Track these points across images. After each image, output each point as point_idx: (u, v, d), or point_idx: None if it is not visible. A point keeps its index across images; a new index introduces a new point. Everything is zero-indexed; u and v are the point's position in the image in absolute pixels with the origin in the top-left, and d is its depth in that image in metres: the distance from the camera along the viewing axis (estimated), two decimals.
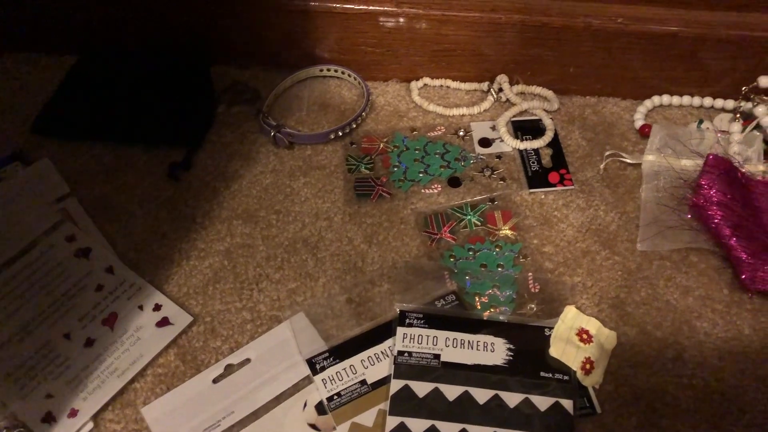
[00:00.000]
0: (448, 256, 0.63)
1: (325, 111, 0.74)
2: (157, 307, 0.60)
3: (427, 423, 0.52)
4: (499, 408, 0.53)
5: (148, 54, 0.76)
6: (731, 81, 0.72)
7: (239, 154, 0.70)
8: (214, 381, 0.56)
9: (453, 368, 0.55)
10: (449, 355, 0.55)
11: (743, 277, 0.60)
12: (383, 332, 0.58)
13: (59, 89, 0.74)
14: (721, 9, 0.69)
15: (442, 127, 0.73)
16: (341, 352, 0.57)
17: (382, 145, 0.71)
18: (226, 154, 0.70)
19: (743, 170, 0.64)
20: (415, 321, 0.57)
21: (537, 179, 0.68)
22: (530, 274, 0.62)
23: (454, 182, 0.68)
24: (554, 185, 0.68)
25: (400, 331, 0.57)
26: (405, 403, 0.53)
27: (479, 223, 0.65)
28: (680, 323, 0.60)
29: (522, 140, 0.71)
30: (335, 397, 0.54)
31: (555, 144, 0.71)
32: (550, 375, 0.55)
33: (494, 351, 0.56)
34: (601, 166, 0.69)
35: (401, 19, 0.71)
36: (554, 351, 0.55)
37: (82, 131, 0.71)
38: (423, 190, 0.68)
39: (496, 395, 0.54)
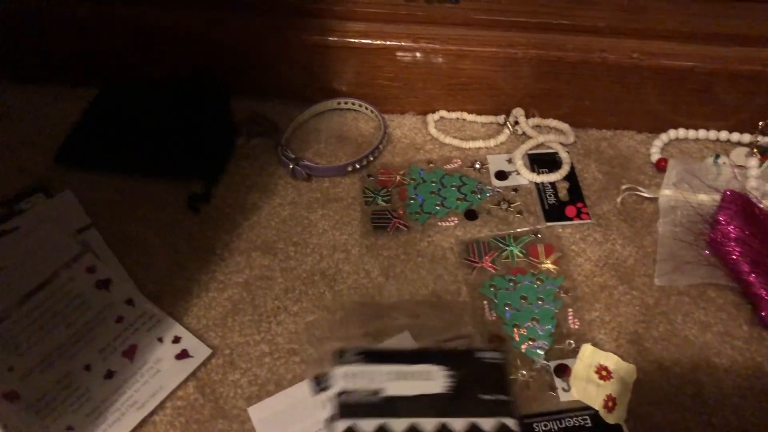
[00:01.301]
0: (489, 285, 0.63)
1: (342, 144, 0.75)
2: (177, 340, 0.60)
3: None
4: None
5: (168, 87, 0.78)
6: (747, 115, 0.73)
7: (258, 186, 0.71)
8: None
9: (396, 402, 0.54)
10: (391, 389, 0.54)
11: (763, 314, 0.59)
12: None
13: (81, 121, 0.76)
14: (735, 44, 0.69)
15: (459, 160, 0.73)
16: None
17: (398, 178, 0.72)
18: (245, 186, 0.71)
19: (761, 206, 0.64)
20: (353, 358, 0.56)
21: (554, 213, 0.69)
22: (570, 309, 0.62)
23: (470, 215, 0.69)
24: (571, 219, 0.68)
25: (338, 370, 0.55)
26: None
27: (521, 255, 0.65)
28: (699, 359, 0.59)
29: (538, 173, 0.71)
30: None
31: (571, 177, 0.71)
32: (491, 397, 0.54)
33: (434, 380, 0.55)
34: (618, 200, 0.69)
35: (418, 54, 0.72)
36: (575, 392, 0.55)
37: (103, 163, 0.73)
38: (439, 223, 0.68)
39: (443, 424, 0.53)
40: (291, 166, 0.71)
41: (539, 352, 0.59)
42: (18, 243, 0.66)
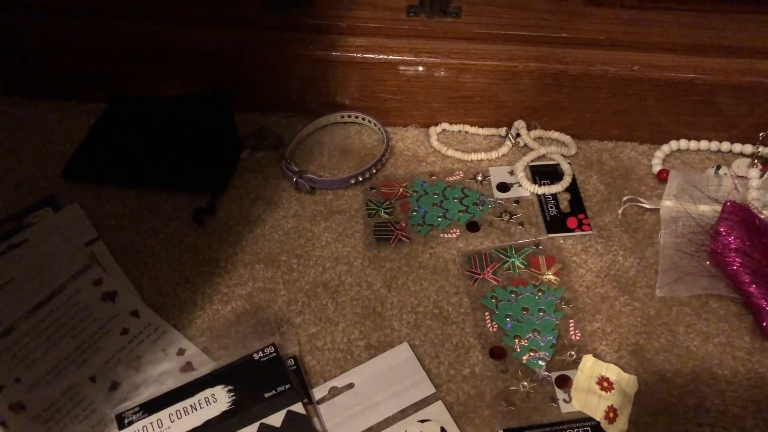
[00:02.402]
0: (490, 296, 0.64)
1: (345, 156, 0.76)
2: (181, 352, 0.61)
3: None
4: None
5: (174, 101, 0.79)
6: (748, 126, 0.73)
7: (262, 199, 0.72)
8: (318, 402, 0.58)
9: None
10: (178, 429, 0.56)
11: (764, 324, 0.59)
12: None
13: (89, 136, 0.77)
14: (736, 56, 0.70)
15: (461, 172, 0.74)
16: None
17: (401, 190, 0.72)
18: (249, 199, 0.72)
19: (762, 216, 0.64)
20: (134, 417, 0.57)
21: (555, 224, 0.69)
22: (571, 321, 0.62)
23: (472, 227, 0.69)
24: (573, 230, 0.68)
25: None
26: None
27: (523, 266, 0.66)
28: (701, 370, 0.59)
29: (540, 185, 0.72)
30: None
31: (573, 189, 0.72)
32: (273, 392, 0.57)
33: (217, 400, 0.57)
34: (620, 211, 0.70)
35: (420, 68, 0.72)
36: (576, 403, 0.56)
37: (110, 177, 0.74)
38: (442, 235, 0.69)
39: None
40: (295, 179, 0.71)
41: (540, 363, 0.59)
42: (26, 256, 0.67)
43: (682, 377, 0.59)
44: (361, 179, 0.72)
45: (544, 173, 0.73)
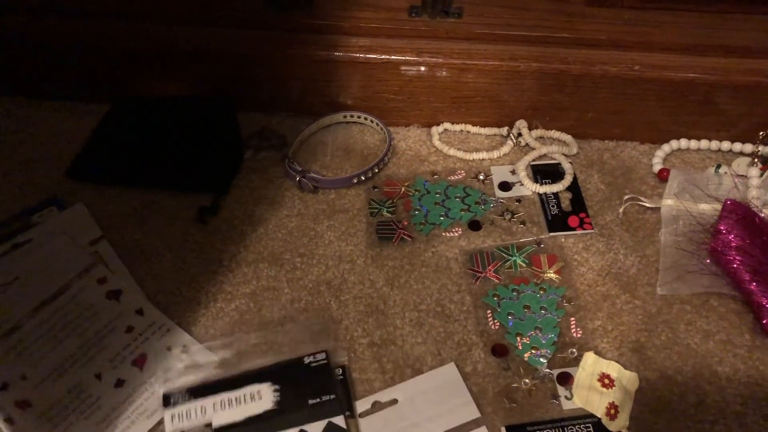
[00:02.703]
0: (492, 295, 0.64)
1: (348, 156, 0.76)
2: (185, 349, 0.61)
3: None
4: None
5: (178, 102, 0.79)
6: (748, 125, 0.73)
7: (265, 199, 0.72)
8: (361, 415, 0.57)
9: (226, 431, 0.56)
10: (220, 419, 0.56)
11: (764, 322, 0.60)
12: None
13: (93, 136, 0.77)
14: (736, 56, 0.70)
15: (463, 172, 0.74)
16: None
17: (403, 189, 0.73)
18: (252, 198, 0.72)
19: (762, 215, 0.64)
20: (179, 399, 0.57)
21: (557, 223, 0.69)
22: (572, 319, 0.62)
23: (474, 226, 0.70)
24: (574, 229, 0.69)
25: (167, 413, 0.57)
26: None
27: (524, 265, 0.66)
28: (701, 368, 0.60)
29: (542, 184, 0.72)
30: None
31: (574, 188, 0.72)
32: (318, 399, 0.57)
33: (262, 398, 0.57)
34: (621, 210, 0.70)
35: (422, 68, 0.73)
36: (577, 400, 0.56)
37: (114, 177, 0.74)
38: (444, 234, 0.69)
39: None
40: (298, 179, 0.72)
41: (542, 360, 0.60)
42: (31, 255, 0.67)
43: (682, 375, 0.59)
44: (363, 178, 0.73)
45: (545, 172, 0.74)
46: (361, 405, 0.57)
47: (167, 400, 0.58)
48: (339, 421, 0.56)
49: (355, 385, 0.59)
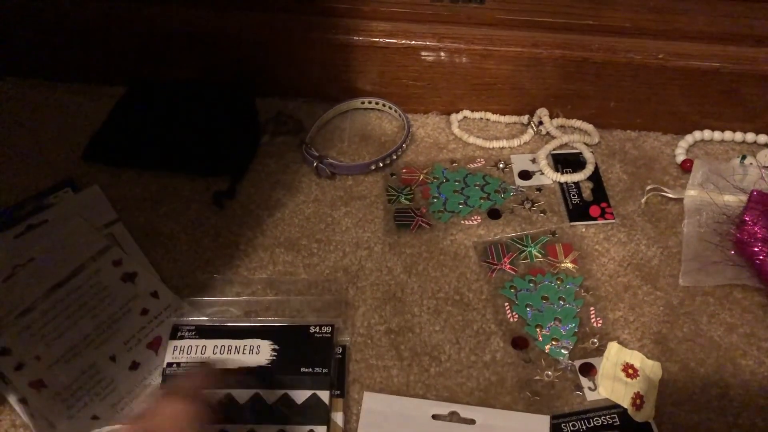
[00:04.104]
0: (509, 286, 0.63)
1: (366, 142, 0.75)
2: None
3: None
4: (258, 405, 0.55)
5: (195, 85, 0.79)
6: None
7: (282, 184, 0.72)
8: (434, 416, 0.56)
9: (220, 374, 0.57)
10: (216, 362, 0.57)
11: None
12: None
13: (109, 119, 0.77)
14: (763, 45, 0.69)
15: (482, 160, 0.73)
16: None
17: (422, 177, 0.72)
18: (269, 183, 0.72)
19: None
20: (186, 333, 0.59)
21: (578, 212, 0.68)
22: (592, 308, 0.62)
23: (493, 214, 0.69)
24: (595, 219, 0.68)
25: (171, 344, 0.59)
26: None
27: (540, 255, 0.65)
28: (724, 360, 0.59)
29: (562, 173, 0.71)
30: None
31: (596, 177, 0.71)
32: (310, 369, 0.57)
33: (259, 353, 0.58)
34: (643, 201, 0.69)
35: (442, 54, 0.72)
36: (603, 390, 0.55)
37: (130, 159, 0.74)
38: (462, 222, 0.68)
39: (257, 394, 0.56)
40: (315, 164, 0.71)
41: (563, 351, 0.59)
42: (46, 236, 0.67)
43: (705, 367, 0.58)
44: (381, 165, 0.72)
45: (566, 162, 0.73)
46: (439, 408, 0.56)
47: (175, 332, 0.59)
48: (324, 396, 0.56)
49: (372, 372, 0.58)
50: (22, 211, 0.69)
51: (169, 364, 0.58)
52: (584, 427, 0.54)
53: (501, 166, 0.73)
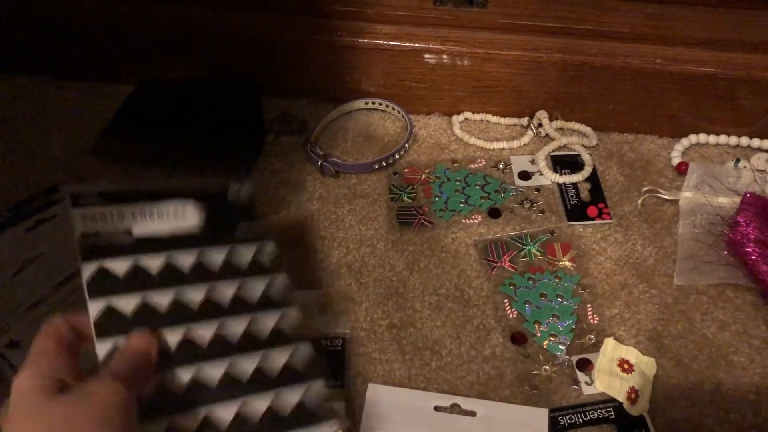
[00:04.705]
0: (508, 284, 0.65)
1: (369, 142, 0.77)
2: None
3: (135, 298, 0.46)
4: (206, 266, 0.50)
5: (201, 84, 0.80)
6: None
7: (287, 182, 0.73)
8: (435, 408, 0.57)
9: (149, 241, 0.49)
10: (142, 228, 0.49)
11: None
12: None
13: (117, 116, 0.78)
14: (758, 51, 0.71)
15: (483, 160, 0.75)
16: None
17: (424, 176, 0.73)
18: (274, 181, 0.73)
19: None
20: (90, 200, 0.49)
21: (576, 212, 0.70)
22: (589, 306, 0.63)
23: (494, 213, 0.70)
24: (593, 219, 0.69)
25: (75, 213, 0.49)
26: (105, 284, 0.47)
27: (539, 254, 0.67)
28: (717, 357, 0.60)
29: (561, 174, 0.73)
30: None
31: (593, 179, 0.73)
32: (245, 230, 0.53)
33: (186, 216, 0.51)
34: (639, 202, 0.71)
35: (445, 57, 0.73)
36: (599, 385, 0.57)
37: (137, 157, 0.75)
38: (463, 220, 0.70)
39: (201, 253, 0.50)
40: (319, 163, 0.73)
41: (560, 347, 0.60)
42: (55, 231, 0.68)
43: (698, 363, 0.60)
44: (384, 164, 0.74)
45: (564, 163, 0.74)
46: (440, 400, 0.57)
47: (75, 199, 0.49)
48: (270, 246, 0.52)
49: (375, 365, 0.60)
50: (32, 207, 0.70)
51: (84, 235, 0.48)
52: (581, 420, 0.56)
53: (501, 166, 0.74)
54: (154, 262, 0.49)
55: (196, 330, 0.47)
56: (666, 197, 0.71)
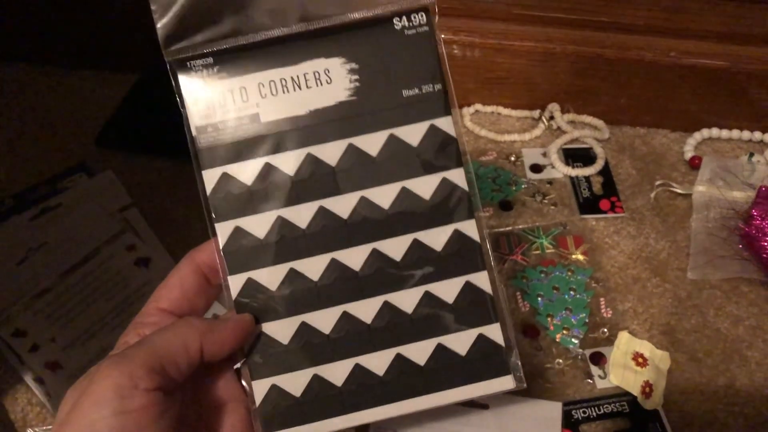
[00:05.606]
0: (520, 277, 0.64)
1: None
2: (215, 317, 0.61)
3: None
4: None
5: None
6: None
7: None
8: None
9: (283, 132, 0.38)
10: (271, 111, 0.38)
11: None
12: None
13: (122, 104, 0.77)
14: None
15: (494, 153, 0.74)
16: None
17: None
18: None
19: None
20: (201, 67, 0.38)
21: (588, 206, 0.69)
22: (602, 299, 0.63)
23: (505, 206, 0.70)
24: (605, 212, 0.69)
25: (184, 83, 0.38)
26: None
27: (551, 247, 0.66)
28: (731, 352, 0.60)
29: (573, 167, 0.72)
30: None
31: (605, 172, 0.72)
32: (417, 90, 0.40)
33: (331, 81, 0.38)
34: (652, 195, 0.70)
35: (456, 48, 0.73)
36: (614, 378, 0.56)
37: (143, 145, 0.74)
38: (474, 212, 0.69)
39: (349, 145, 0.39)
40: None
41: (574, 341, 0.60)
42: (61, 219, 0.67)
43: (712, 358, 0.59)
44: None
45: (576, 156, 0.74)
46: None
47: (182, 66, 0.38)
48: (444, 125, 0.40)
49: None
50: (37, 195, 0.69)
51: (201, 129, 0.39)
52: (594, 413, 0.55)
53: (512, 159, 0.73)
54: (288, 162, 0.38)
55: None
56: (679, 191, 0.70)
